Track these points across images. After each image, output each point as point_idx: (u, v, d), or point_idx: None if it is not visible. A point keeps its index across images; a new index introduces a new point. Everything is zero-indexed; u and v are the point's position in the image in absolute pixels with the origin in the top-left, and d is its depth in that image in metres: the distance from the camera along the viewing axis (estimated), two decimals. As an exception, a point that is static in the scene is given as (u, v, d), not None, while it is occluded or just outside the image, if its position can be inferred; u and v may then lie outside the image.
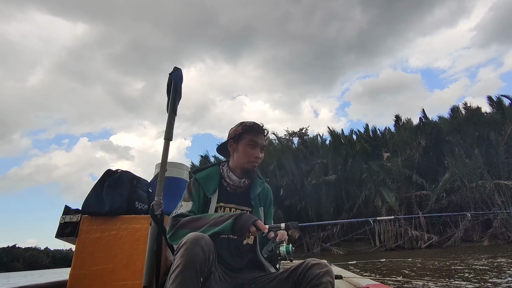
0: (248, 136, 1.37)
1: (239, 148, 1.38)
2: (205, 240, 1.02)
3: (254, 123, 1.40)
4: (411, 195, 17.93)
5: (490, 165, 17.34)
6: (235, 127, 1.41)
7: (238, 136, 1.38)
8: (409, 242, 16.73)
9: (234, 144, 1.40)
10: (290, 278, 1.13)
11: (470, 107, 20.53)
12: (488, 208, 16.49)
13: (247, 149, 1.37)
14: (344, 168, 21.08)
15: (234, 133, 1.40)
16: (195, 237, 1.01)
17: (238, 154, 1.38)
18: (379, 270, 6.42)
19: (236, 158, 1.39)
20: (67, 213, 1.66)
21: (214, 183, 1.36)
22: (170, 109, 1.59)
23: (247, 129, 1.37)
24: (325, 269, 1.07)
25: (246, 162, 1.37)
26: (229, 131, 1.45)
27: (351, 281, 2.04)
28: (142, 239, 1.72)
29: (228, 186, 1.39)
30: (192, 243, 0.99)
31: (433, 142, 19.40)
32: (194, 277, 0.96)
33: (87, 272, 1.68)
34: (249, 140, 1.37)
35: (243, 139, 1.38)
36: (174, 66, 1.56)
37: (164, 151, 1.60)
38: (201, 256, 0.98)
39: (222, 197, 1.35)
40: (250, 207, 1.39)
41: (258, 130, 1.38)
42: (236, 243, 1.32)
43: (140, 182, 1.74)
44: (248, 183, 1.41)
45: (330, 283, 1.06)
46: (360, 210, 19.03)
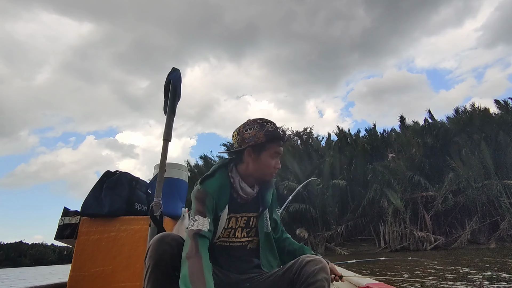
0: (273, 147, 1.20)
1: (261, 158, 1.19)
2: (171, 236, 1.04)
3: (276, 130, 1.20)
4: (417, 196, 17.74)
5: (498, 166, 17.07)
6: (254, 132, 1.18)
7: (261, 145, 1.18)
8: (414, 244, 16.55)
9: (254, 153, 1.19)
10: (285, 276, 1.09)
11: (478, 108, 20.26)
12: (495, 210, 16.24)
13: (269, 161, 1.20)
14: (349, 169, 20.95)
15: (254, 141, 1.18)
16: (160, 237, 1.03)
17: (258, 164, 1.20)
18: (379, 269, 6.37)
19: (253, 168, 1.21)
20: (66, 215, 1.65)
21: (226, 196, 1.19)
22: (169, 110, 1.57)
23: (271, 138, 1.18)
24: (320, 266, 1.04)
25: (266, 174, 1.22)
26: (242, 133, 1.21)
27: (351, 280, 2.00)
28: (142, 240, 1.71)
29: (238, 198, 1.23)
30: (158, 243, 1.01)
31: (439, 143, 19.16)
32: (166, 273, 0.98)
33: (86, 274, 1.67)
34: (274, 152, 1.21)
35: (266, 150, 1.19)
36: (172, 67, 1.54)
37: (163, 152, 1.58)
38: (169, 252, 1.00)
39: (232, 209, 1.21)
40: (258, 212, 1.27)
41: (282, 139, 1.22)
42: (237, 250, 1.23)
43: (139, 183, 1.73)
44: (257, 190, 1.27)
45: (325, 279, 1.03)
46: (365, 211, 18.89)
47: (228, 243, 1.21)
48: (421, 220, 17.54)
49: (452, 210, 17.20)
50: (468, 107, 20.76)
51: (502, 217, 15.57)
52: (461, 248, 15.46)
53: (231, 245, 1.22)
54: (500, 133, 17.60)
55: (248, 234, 1.25)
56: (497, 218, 15.95)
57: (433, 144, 19.19)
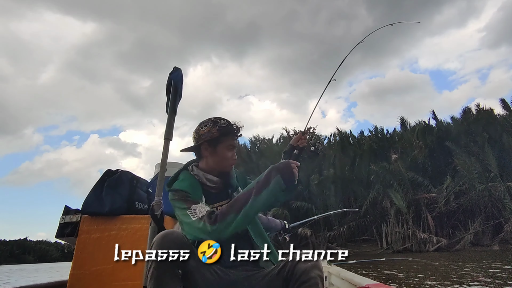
0: (227, 140, 1.30)
1: (217, 151, 1.29)
2: (176, 233, 1.04)
3: (229, 124, 1.31)
4: (419, 197, 17.64)
5: (502, 168, 16.93)
6: (209, 128, 1.29)
7: (215, 140, 1.29)
8: (417, 245, 16.48)
9: (210, 147, 1.29)
10: (280, 274, 1.09)
11: (482, 109, 20.10)
12: (499, 211, 16.11)
13: (226, 153, 1.30)
14: (352, 169, 20.88)
15: (209, 136, 1.28)
16: (164, 234, 1.03)
17: (216, 158, 1.30)
18: (379, 269, 6.35)
19: (212, 162, 1.30)
20: (67, 213, 1.66)
21: (199, 190, 1.26)
22: (170, 109, 1.57)
23: (224, 133, 1.28)
24: (313, 263, 1.04)
25: (225, 166, 1.31)
26: (198, 131, 1.32)
27: (351, 280, 2.00)
28: (142, 239, 1.71)
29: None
30: (162, 239, 1.01)
31: (442, 144, 19.04)
32: (170, 270, 0.99)
33: (87, 273, 1.67)
34: (229, 145, 1.30)
35: (221, 143, 1.29)
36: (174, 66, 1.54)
37: (164, 151, 1.58)
38: (173, 249, 1.00)
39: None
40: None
41: (236, 133, 1.32)
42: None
43: (140, 182, 1.74)
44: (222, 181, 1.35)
45: (319, 276, 1.03)
46: (368, 211, 18.83)
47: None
48: (423, 221, 17.45)
49: (455, 212, 17.10)
50: (473, 108, 20.62)
51: (506, 219, 15.46)
52: (464, 250, 15.36)
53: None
54: (504, 135, 17.45)
55: None
56: (500, 220, 15.83)
57: (436, 145, 19.07)
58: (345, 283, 2.21)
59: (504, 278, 4.94)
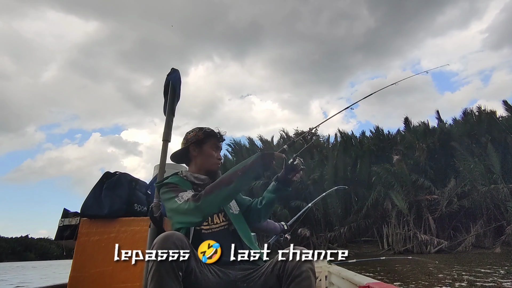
0: (212, 140, 1.43)
1: (203, 151, 1.41)
2: (176, 236, 1.03)
3: (212, 131, 1.44)
4: (421, 199, 17.58)
5: (504, 170, 16.83)
6: (195, 132, 1.43)
7: (201, 141, 1.41)
8: (418, 246, 16.43)
9: (197, 148, 1.42)
10: (274, 272, 1.11)
11: (484, 111, 19.98)
12: (501, 214, 16.03)
13: (211, 152, 1.42)
14: (353, 170, 20.82)
15: (195, 139, 1.42)
16: (165, 235, 1.03)
17: (203, 157, 1.41)
18: (379, 269, 6.34)
19: (200, 161, 1.41)
20: (65, 216, 1.65)
21: (188, 186, 1.35)
22: (168, 111, 1.57)
23: (208, 135, 1.42)
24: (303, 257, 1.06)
25: (211, 164, 1.41)
26: (186, 136, 1.45)
27: (352, 279, 1.99)
28: (142, 241, 1.71)
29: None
30: (163, 241, 1.00)
31: (445, 145, 18.96)
32: (170, 272, 0.98)
33: (86, 275, 1.67)
34: (213, 144, 1.43)
35: (207, 143, 1.42)
36: (171, 67, 1.53)
37: (162, 152, 1.58)
38: (174, 250, 1.00)
39: None
40: None
41: (219, 138, 1.45)
42: (221, 234, 1.29)
43: (138, 184, 1.73)
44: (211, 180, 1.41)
45: (310, 269, 1.04)
46: (369, 213, 18.77)
47: (211, 229, 1.28)
48: (425, 222, 17.39)
49: (456, 214, 17.02)
50: (475, 110, 20.50)
51: (508, 222, 15.36)
52: (465, 252, 15.30)
53: (213, 231, 1.29)
54: (507, 137, 17.34)
55: (226, 218, 1.33)
56: (502, 222, 15.74)
57: (438, 146, 18.99)
58: (345, 282, 2.20)
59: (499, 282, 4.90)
